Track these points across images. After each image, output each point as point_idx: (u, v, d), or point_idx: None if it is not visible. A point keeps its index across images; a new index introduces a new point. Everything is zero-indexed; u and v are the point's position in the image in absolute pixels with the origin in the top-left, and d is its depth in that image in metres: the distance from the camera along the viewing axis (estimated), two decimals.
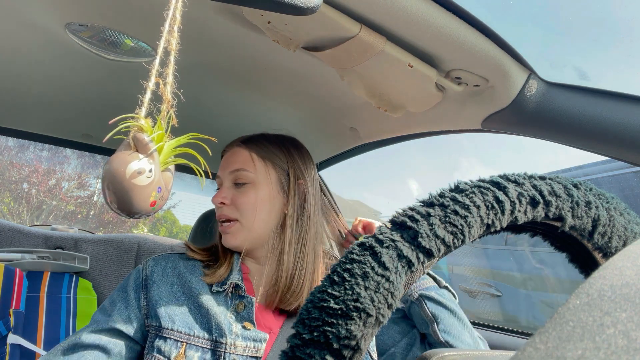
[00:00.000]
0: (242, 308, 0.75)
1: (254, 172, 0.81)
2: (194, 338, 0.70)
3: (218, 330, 0.71)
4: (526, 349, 0.15)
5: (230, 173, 0.81)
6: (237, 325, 0.72)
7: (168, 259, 0.80)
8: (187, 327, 0.71)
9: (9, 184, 9.75)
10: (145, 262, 0.80)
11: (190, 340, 0.70)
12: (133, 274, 0.79)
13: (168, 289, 0.75)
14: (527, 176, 0.31)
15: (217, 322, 0.71)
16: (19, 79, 1.10)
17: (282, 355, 0.25)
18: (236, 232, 0.79)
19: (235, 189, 0.81)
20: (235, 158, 0.83)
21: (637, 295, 0.16)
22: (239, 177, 0.81)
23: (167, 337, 0.70)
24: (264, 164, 0.82)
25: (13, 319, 1.37)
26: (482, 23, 0.64)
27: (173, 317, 0.72)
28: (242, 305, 0.75)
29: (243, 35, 0.77)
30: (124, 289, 0.77)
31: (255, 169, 0.81)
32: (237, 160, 0.82)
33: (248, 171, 0.81)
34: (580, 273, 0.35)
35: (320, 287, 0.26)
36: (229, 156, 0.84)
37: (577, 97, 0.71)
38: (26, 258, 1.54)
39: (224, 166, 0.83)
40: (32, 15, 0.79)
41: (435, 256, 0.27)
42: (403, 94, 0.84)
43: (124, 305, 0.74)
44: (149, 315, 0.73)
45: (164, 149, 0.39)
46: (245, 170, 0.81)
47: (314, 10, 0.49)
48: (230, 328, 0.71)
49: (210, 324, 0.71)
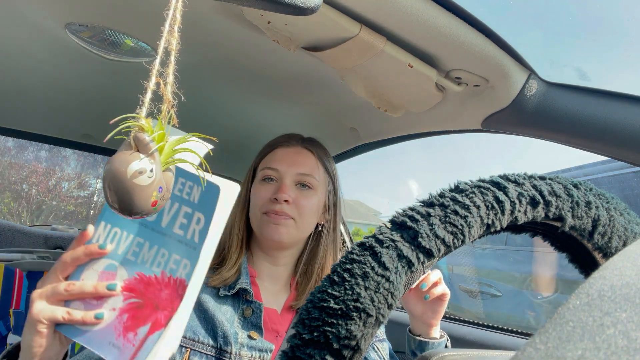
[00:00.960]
0: (249, 313, 0.74)
1: (318, 179, 0.83)
2: (198, 344, 0.69)
3: (223, 338, 0.70)
4: (526, 349, 0.15)
5: (298, 174, 0.81)
6: (243, 334, 0.72)
7: None
8: (191, 331, 0.70)
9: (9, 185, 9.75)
10: None
11: (195, 346, 0.69)
12: None
13: None
14: (527, 176, 0.31)
15: (223, 330, 0.70)
16: (19, 79, 1.10)
17: (282, 355, 0.25)
18: (289, 227, 0.79)
19: (298, 189, 0.81)
20: (304, 160, 0.83)
21: (637, 296, 0.16)
22: (304, 180, 0.81)
23: None
24: (325, 175, 0.85)
25: (13, 319, 1.37)
26: (482, 23, 0.64)
27: None
28: (249, 310, 0.74)
29: (243, 35, 0.77)
30: None
31: (319, 177, 0.83)
32: (305, 163, 0.82)
33: (314, 178, 0.82)
34: (580, 273, 0.35)
35: (320, 287, 0.26)
36: (295, 155, 0.83)
37: (577, 97, 0.71)
38: (26, 258, 1.54)
39: (289, 163, 0.82)
40: (32, 16, 0.79)
41: (435, 256, 0.27)
42: (403, 94, 0.84)
43: None
44: None
45: (164, 149, 0.39)
46: (313, 177, 0.82)
47: (314, 11, 0.49)
48: (236, 337, 0.70)
49: (215, 330, 0.70)
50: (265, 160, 0.84)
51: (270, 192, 0.80)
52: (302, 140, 0.86)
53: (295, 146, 0.85)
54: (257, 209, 0.81)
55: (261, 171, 0.83)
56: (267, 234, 0.78)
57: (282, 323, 0.77)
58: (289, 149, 0.84)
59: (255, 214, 0.81)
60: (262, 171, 0.83)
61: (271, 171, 0.82)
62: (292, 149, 0.84)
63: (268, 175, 0.82)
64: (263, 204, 0.80)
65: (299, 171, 0.81)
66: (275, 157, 0.83)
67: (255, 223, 0.81)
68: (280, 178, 0.81)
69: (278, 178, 0.81)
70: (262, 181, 0.82)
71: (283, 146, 0.85)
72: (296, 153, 0.83)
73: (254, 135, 1.32)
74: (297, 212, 0.79)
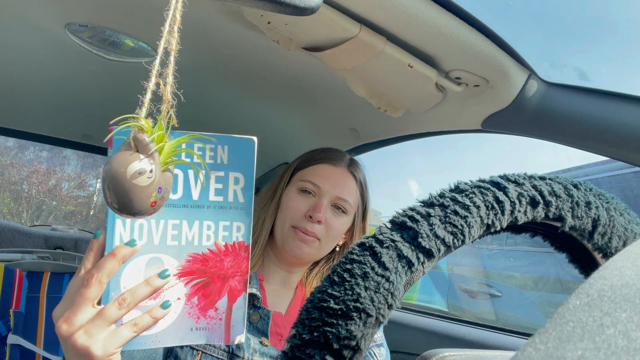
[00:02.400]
0: (256, 319, 0.73)
1: (352, 205, 0.82)
2: (210, 347, 0.69)
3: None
4: (526, 349, 0.15)
5: (337, 198, 0.79)
6: (255, 340, 0.71)
7: None
8: None
9: (9, 185, 9.75)
10: None
11: (206, 349, 0.69)
12: None
13: None
14: (527, 176, 0.31)
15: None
16: (19, 79, 1.10)
17: (282, 355, 0.25)
18: (312, 248, 0.78)
19: (332, 211, 0.80)
20: (346, 183, 0.81)
21: (637, 296, 0.16)
22: (341, 204, 0.80)
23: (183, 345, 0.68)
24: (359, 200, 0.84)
25: (13, 319, 1.37)
26: (482, 23, 0.64)
27: None
28: (256, 315, 0.74)
29: (243, 35, 0.77)
30: None
31: (354, 203, 0.82)
32: (347, 187, 0.81)
33: (350, 204, 0.81)
34: (580, 273, 0.35)
35: (320, 287, 0.26)
36: (340, 177, 0.81)
37: (577, 97, 0.71)
38: (26, 258, 1.54)
39: (333, 184, 0.80)
40: (33, 16, 0.79)
41: (435, 256, 0.27)
42: (403, 94, 0.84)
43: None
44: None
45: (164, 150, 0.39)
46: (349, 203, 0.81)
47: (314, 11, 0.49)
48: (248, 342, 0.70)
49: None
50: (308, 172, 0.82)
51: (306, 207, 0.78)
52: (349, 163, 0.85)
53: (341, 167, 0.83)
54: (287, 219, 0.79)
55: (301, 181, 0.81)
56: (290, 249, 0.77)
57: (285, 326, 0.76)
58: (335, 168, 0.82)
59: (283, 223, 0.79)
60: (303, 182, 0.80)
61: (312, 186, 0.79)
62: (338, 169, 0.82)
63: (307, 189, 0.80)
64: (295, 217, 0.78)
65: (340, 195, 0.79)
66: (319, 173, 0.81)
67: (280, 231, 0.80)
68: (320, 196, 0.79)
69: (317, 194, 0.79)
70: (299, 192, 0.80)
71: (329, 163, 0.82)
72: (341, 175, 0.82)
73: (254, 135, 1.32)
74: (325, 233, 0.78)
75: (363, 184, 0.85)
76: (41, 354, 1.41)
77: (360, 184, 0.84)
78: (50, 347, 1.46)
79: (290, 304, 0.81)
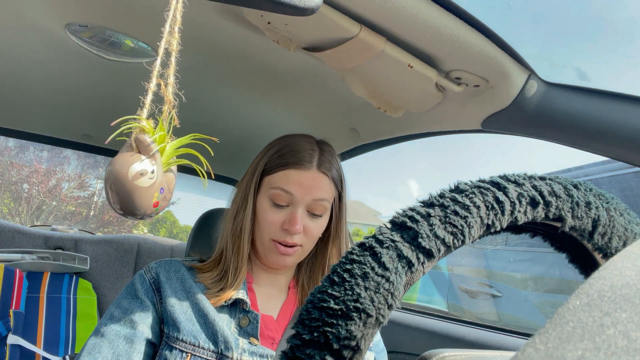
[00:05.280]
0: (246, 323, 0.73)
1: (329, 201, 0.78)
2: (199, 349, 0.69)
3: (224, 343, 0.69)
4: (526, 349, 0.15)
5: (313, 200, 0.75)
6: (244, 340, 0.71)
7: (171, 264, 0.78)
8: (192, 336, 0.69)
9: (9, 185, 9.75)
10: (148, 267, 0.77)
11: (195, 351, 0.68)
12: (137, 279, 0.76)
13: (173, 294, 0.73)
14: (527, 176, 0.31)
15: (224, 335, 0.70)
16: (19, 79, 1.10)
17: (282, 355, 0.25)
18: (295, 255, 0.76)
19: (309, 217, 0.76)
20: (321, 185, 0.76)
21: (637, 296, 0.16)
22: (317, 206, 0.76)
23: (172, 347, 0.69)
24: (331, 188, 0.79)
25: (13, 320, 1.37)
26: (482, 23, 0.64)
27: (178, 325, 0.70)
28: (246, 320, 0.73)
29: (243, 35, 0.77)
30: (134, 296, 0.73)
31: (330, 198, 0.78)
32: (323, 189, 0.76)
33: (327, 201, 0.77)
34: (580, 274, 0.35)
35: (320, 287, 0.26)
36: (311, 182, 0.76)
37: (577, 98, 0.71)
38: (26, 258, 1.54)
39: (305, 190, 0.75)
40: (32, 16, 0.79)
41: (435, 256, 0.27)
42: (403, 95, 0.84)
43: (143, 313, 0.71)
44: (164, 320, 0.72)
45: (166, 150, 0.39)
46: (326, 201, 0.77)
47: (314, 11, 0.49)
48: (237, 342, 0.70)
49: (216, 335, 0.70)
50: (277, 178, 0.76)
51: (281, 219, 0.75)
52: (318, 162, 0.78)
53: (312, 170, 0.77)
54: (265, 233, 0.76)
55: (272, 189, 0.76)
56: (274, 261, 0.76)
57: (277, 330, 0.76)
58: (306, 173, 0.76)
59: (262, 236, 0.77)
60: (274, 190, 0.75)
61: (284, 194, 0.75)
62: (309, 173, 0.76)
63: (280, 200, 0.75)
64: (273, 231, 0.75)
65: (314, 197, 0.75)
66: (290, 178, 0.75)
67: (260, 244, 0.78)
68: (294, 204, 0.75)
69: (291, 203, 0.75)
70: (273, 204, 0.76)
71: (299, 168, 0.76)
72: (313, 178, 0.76)
73: (255, 135, 1.32)
74: (306, 239, 0.76)
75: (336, 178, 0.81)
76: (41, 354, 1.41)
77: (333, 180, 0.80)
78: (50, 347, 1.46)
79: (282, 308, 0.80)
